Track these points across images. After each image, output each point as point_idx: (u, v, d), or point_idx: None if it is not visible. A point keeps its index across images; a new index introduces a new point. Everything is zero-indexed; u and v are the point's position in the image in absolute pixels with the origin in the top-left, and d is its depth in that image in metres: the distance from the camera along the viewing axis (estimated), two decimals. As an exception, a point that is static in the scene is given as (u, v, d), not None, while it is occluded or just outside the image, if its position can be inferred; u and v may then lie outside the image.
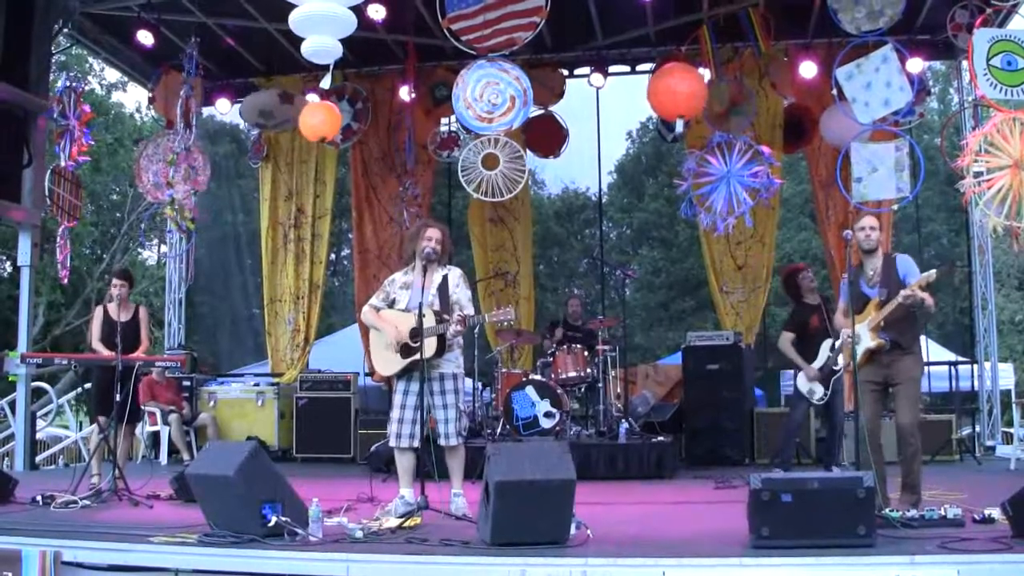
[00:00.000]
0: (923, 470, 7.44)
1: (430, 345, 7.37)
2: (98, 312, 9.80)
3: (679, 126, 12.73)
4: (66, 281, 13.44)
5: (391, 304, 7.77)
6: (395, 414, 7.57)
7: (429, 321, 7.38)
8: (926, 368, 12.80)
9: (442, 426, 7.56)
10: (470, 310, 7.65)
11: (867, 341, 7.39)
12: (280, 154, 15.35)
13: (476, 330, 10.72)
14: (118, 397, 8.76)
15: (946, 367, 13.85)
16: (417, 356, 7.33)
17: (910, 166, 11.12)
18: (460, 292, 7.69)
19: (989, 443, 13.23)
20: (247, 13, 13.11)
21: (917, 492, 7.25)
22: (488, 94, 11.40)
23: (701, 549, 5.80)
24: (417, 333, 7.31)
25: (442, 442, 7.60)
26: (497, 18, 11.31)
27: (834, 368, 9.74)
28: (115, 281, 9.77)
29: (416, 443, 7.46)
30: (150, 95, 14.61)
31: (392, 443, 7.58)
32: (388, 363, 7.68)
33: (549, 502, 5.87)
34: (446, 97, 12.75)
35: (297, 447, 13.62)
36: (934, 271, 7.33)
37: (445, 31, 11.44)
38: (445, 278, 7.69)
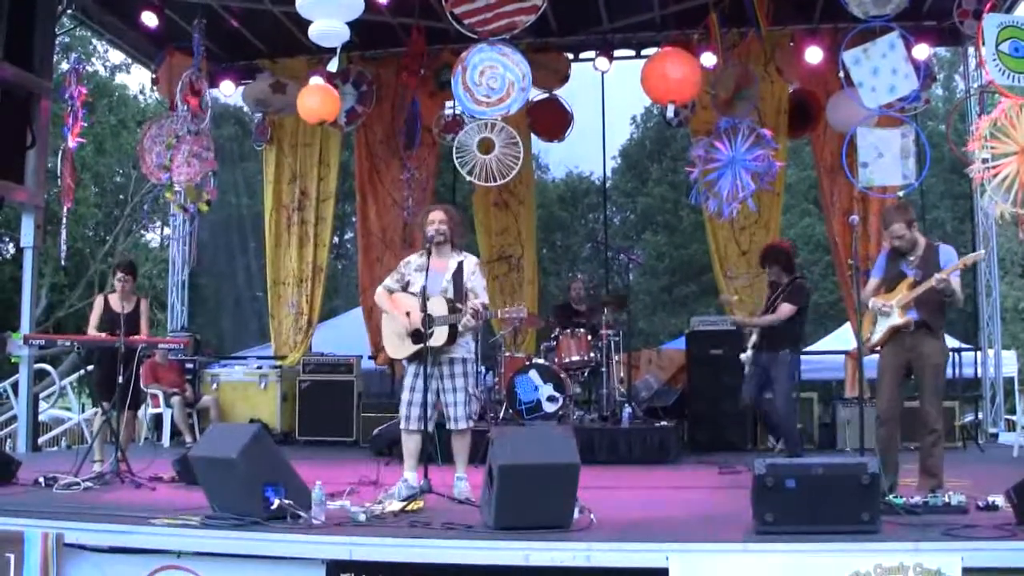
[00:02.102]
0: (943, 454, 7.50)
1: (441, 334, 7.36)
2: (98, 302, 9.73)
3: (670, 111, 12.70)
4: (64, 262, 13.42)
5: (405, 286, 7.76)
6: (406, 397, 7.59)
7: (441, 309, 7.37)
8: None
9: (451, 409, 7.56)
10: (484, 298, 7.60)
11: (895, 318, 7.40)
12: (284, 137, 15.33)
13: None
14: (121, 379, 8.76)
15: (950, 354, 13.82)
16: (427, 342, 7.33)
17: (915, 153, 11.09)
18: (475, 280, 7.65)
19: (992, 430, 13.24)
20: (252, -5, 13.08)
21: (938, 477, 7.29)
22: (487, 78, 11.38)
23: (705, 534, 5.80)
24: (428, 320, 7.30)
25: (451, 426, 7.59)
26: (499, 1, 11.29)
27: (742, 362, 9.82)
28: (119, 274, 9.70)
29: (423, 425, 7.47)
30: (153, 76, 14.59)
31: (403, 425, 7.59)
32: (398, 347, 7.68)
33: (552, 486, 5.87)
34: (450, 81, 12.73)
35: (300, 430, 13.64)
36: (982, 251, 7.36)
37: (448, 14, 11.41)
38: (460, 265, 7.66)
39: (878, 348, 7.67)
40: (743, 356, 9.81)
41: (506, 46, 11.39)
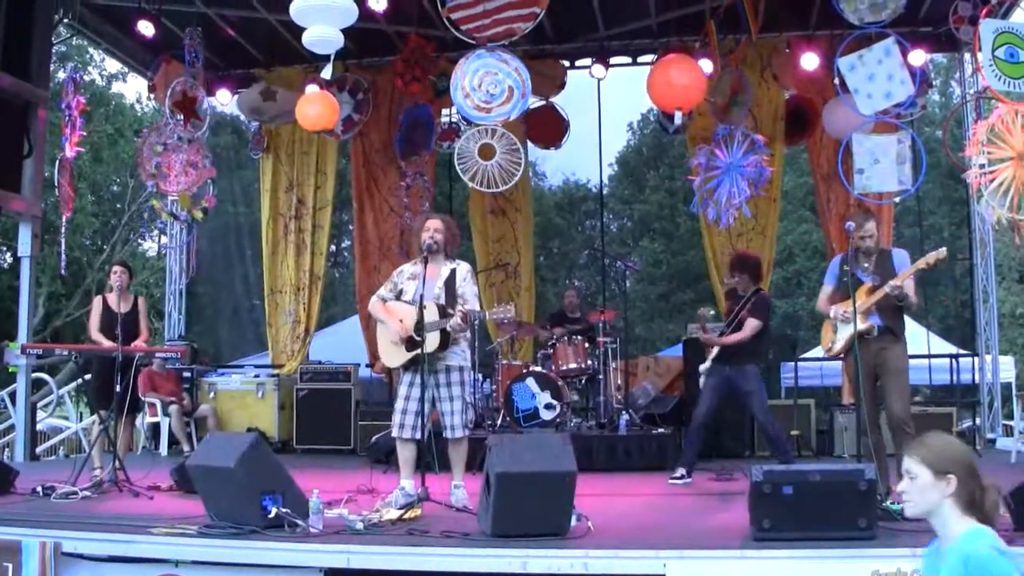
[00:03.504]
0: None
1: (433, 339, 7.35)
2: (97, 302, 9.79)
3: (677, 118, 12.70)
4: (63, 271, 13.43)
5: (399, 295, 7.74)
6: (399, 405, 7.55)
7: (432, 315, 7.36)
8: (927, 361, 12.78)
9: (447, 418, 7.54)
10: (474, 305, 7.60)
11: (857, 324, 7.39)
12: (281, 145, 15.33)
13: (477, 323, 10.71)
14: (118, 388, 8.77)
15: (947, 360, 13.84)
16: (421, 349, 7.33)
17: (912, 159, 11.10)
18: (467, 287, 7.64)
19: (990, 436, 13.22)
20: (248, 4, 13.09)
21: None
22: (486, 84, 11.36)
23: (702, 541, 5.80)
24: (420, 325, 7.30)
25: (447, 434, 7.57)
26: (496, 8, 11.26)
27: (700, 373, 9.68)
28: (115, 268, 9.77)
29: (418, 435, 7.44)
30: (150, 84, 14.60)
31: (395, 433, 7.56)
32: (393, 355, 7.66)
33: (549, 494, 5.88)
34: (447, 88, 12.73)
35: (297, 438, 13.61)
36: (943, 249, 7.39)
37: (445, 20, 11.40)
38: (453, 272, 7.65)
39: (841, 355, 7.80)
40: (703, 367, 9.69)
41: (504, 52, 11.38)
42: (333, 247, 31.34)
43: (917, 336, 7.85)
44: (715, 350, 9.44)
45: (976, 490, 3.38)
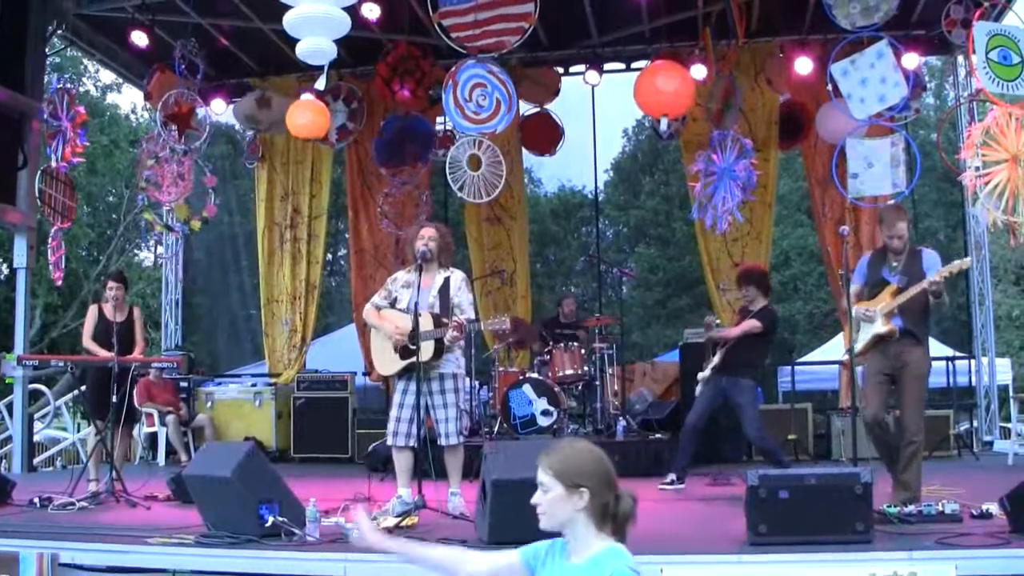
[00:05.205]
0: (921, 466, 7.38)
1: (427, 348, 7.36)
2: (92, 311, 9.77)
3: (663, 125, 12.69)
4: (60, 283, 13.42)
5: (393, 302, 7.75)
6: (394, 413, 7.56)
7: (427, 324, 7.36)
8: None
9: (442, 425, 7.54)
10: (470, 313, 7.61)
11: (879, 326, 7.26)
12: (275, 155, 15.33)
13: (474, 333, 10.70)
14: (115, 399, 8.76)
15: (944, 363, 13.82)
16: (416, 357, 7.33)
17: (906, 161, 11.11)
18: (462, 295, 7.64)
19: (987, 438, 13.23)
20: (242, 13, 13.08)
21: (911, 490, 7.09)
22: (476, 95, 11.42)
23: (699, 546, 5.80)
24: (414, 335, 7.30)
25: (442, 441, 7.57)
26: (487, 19, 11.31)
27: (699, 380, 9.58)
28: (111, 284, 9.73)
29: (413, 442, 7.43)
30: (146, 92, 14.57)
31: (390, 442, 7.57)
32: (388, 363, 7.67)
33: (546, 501, 5.86)
34: (440, 98, 12.75)
35: (295, 447, 13.59)
36: (968, 259, 7.28)
37: (436, 25, 11.42)
38: (447, 280, 7.65)
39: (862, 354, 7.61)
40: (701, 376, 9.62)
41: (494, 65, 11.42)
42: (329, 256, 31.38)
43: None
44: (714, 359, 9.40)
45: (610, 500, 3.29)
